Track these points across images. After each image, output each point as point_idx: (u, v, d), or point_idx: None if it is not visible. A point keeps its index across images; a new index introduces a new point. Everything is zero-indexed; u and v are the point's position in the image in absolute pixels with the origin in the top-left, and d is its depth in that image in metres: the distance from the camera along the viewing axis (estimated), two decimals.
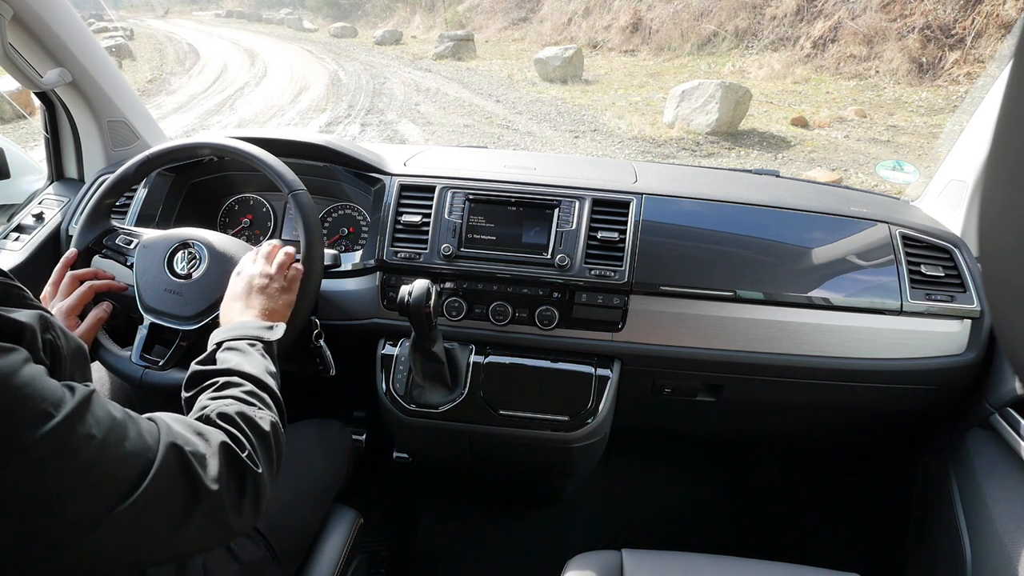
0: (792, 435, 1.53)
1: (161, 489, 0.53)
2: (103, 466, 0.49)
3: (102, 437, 0.50)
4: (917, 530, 1.22)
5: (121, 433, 0.52)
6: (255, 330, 0.82)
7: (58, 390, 0.49)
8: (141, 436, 0.54)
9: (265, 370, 0.77)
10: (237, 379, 0.73)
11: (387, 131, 7.11)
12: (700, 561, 0.95)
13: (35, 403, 0.46)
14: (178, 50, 13.96)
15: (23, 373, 0.46)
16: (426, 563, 1.56)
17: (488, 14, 15.76)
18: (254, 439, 0.66)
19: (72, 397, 0.49)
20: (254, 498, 0.62)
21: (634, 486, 1.75)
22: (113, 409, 0.53)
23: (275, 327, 0.85)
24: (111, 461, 0.50)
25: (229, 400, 0.69)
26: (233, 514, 0.59)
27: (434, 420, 1.12)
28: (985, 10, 7.36)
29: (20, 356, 0.47)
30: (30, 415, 0.46)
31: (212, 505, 0.57)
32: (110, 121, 1.41)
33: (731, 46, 10.05)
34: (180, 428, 0.59)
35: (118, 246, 1.05)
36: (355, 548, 1.07)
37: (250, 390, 0.72)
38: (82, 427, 0.48)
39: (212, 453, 0.60)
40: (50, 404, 0.47)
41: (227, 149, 1.05)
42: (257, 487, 0.63)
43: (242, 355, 0.77)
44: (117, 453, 0.51)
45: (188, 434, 0.59)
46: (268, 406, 0.72)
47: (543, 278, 1.11)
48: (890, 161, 1.42)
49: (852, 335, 1.10)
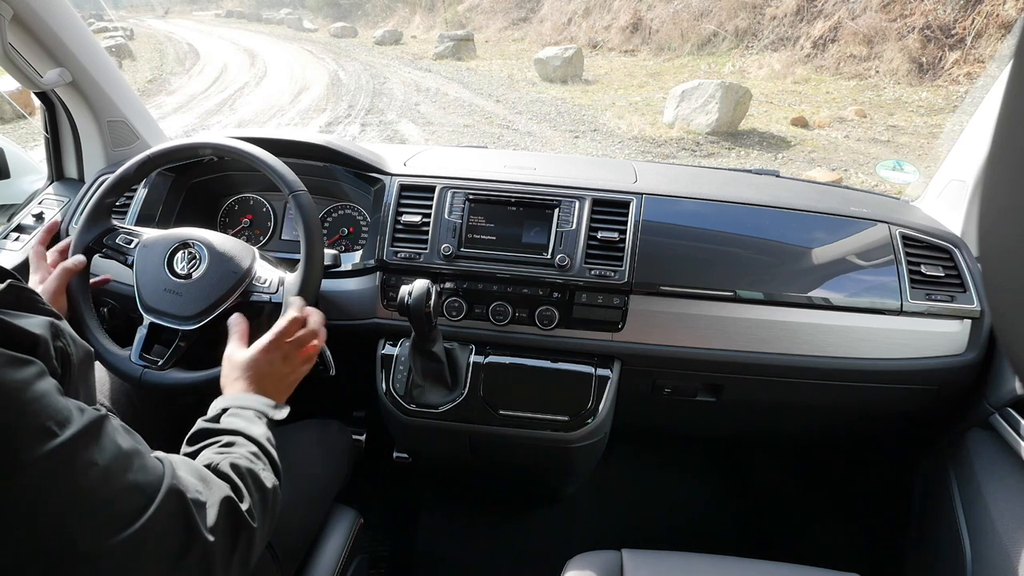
0: (792, 435, 1.53)
1: (157, 530, 0.52)
2: (102, 495, 0.48)
3: (104, 465, 0.49)
4: (917, 530, 1.22)
5: (125, 464, 0.51)
6: (262, 406, 0.81)
7: (66, 409, 0.48)
8: (145, 471, 0.53)
9: (270, 441, 0.76)
10: (243, 440, 0.73)
11: (387, 131, 7.11)
12: (700, 561, 0.95)
13: (40, 420, 0.45)
14: (178, 50, 13.96)
15: (35, 388, 0.46)
16: (426, 563, 1.56)
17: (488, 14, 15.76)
18: (256, 495, 0.66)
19: (80, 418, 0.48)
20: (245, 553, 0.61)
21: (634, 486, 1.75)
22: (120, 439, 0.52)
23: (281, 408, 0.84)
24: (111, 491, 0.49)
25: (239, 455, 0.69)
26: (221, 567, 0.58)
27: (434, 420, 1.12)
28: (985, 10, 7.36)
29: (34, 370, 0.47)
30: (34, 431, 0.45)
31: (203, 554, 0.56)
32: (110, 121, 1.41)
33: (731, 46, 10.05)
34: (185, 472, 0.59)
35: (118, 246, 1.05)
36: (355, 548, 1.07)
37: (255, 451, 0.72)
38: (85, 452, 0.48)
39: (213, 503, 0.59)
40: (55, 423, 0.46)
41: (227, 149, 1.05)
42: (250, 543, 0.62)
43: (247, 422, 0.77)
44: (118, 484, 0.50)
45: (193, 479, 0.59)
46: (270, 470, 0.72)
47: (543, 278, 1.11)
48: (890, 161, 1.42)
49: (852, 335, 1.10)
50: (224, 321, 0.99)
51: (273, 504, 0.69)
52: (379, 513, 1.57)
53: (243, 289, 1.00)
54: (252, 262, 1.03)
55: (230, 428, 0.74)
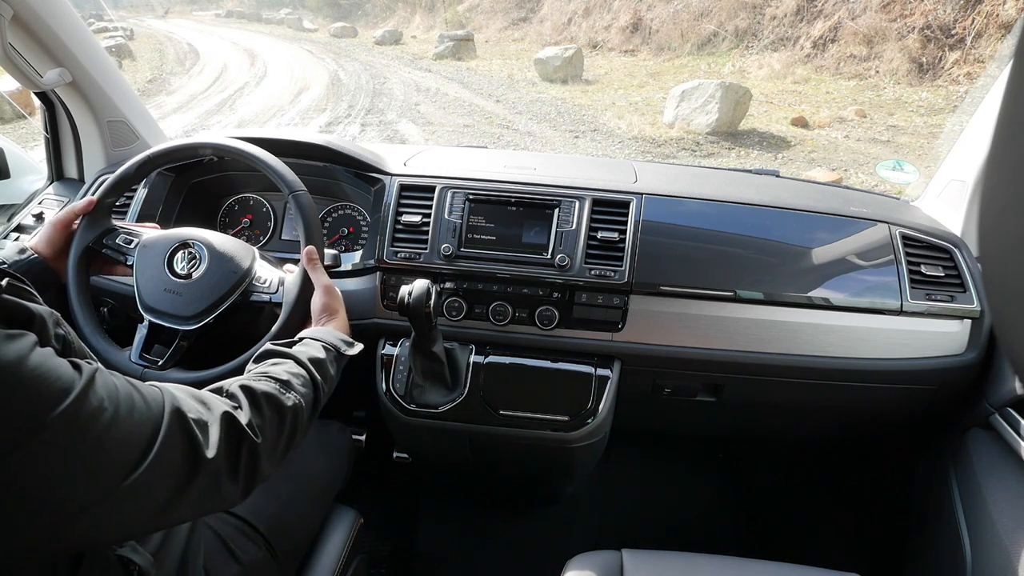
0: (792, 435, 1.53)
1: (166, 455, 0.54)
2: (115, 436, 0.51)
3: (112, 410, 0.51)
4: (917, 530, 1.22)
5: (129, 404, 0.53)
6: (336, 340, 0.86)
7: (68, 369, 0.50)
8: (147, 404, 0.55)
9: (320, 366, 0.80)
10: (291, 363, 0.77)
11: (387, 131, 7.11)
12: (700, 561, 0.95)
13: (48, 384, 0.47)
14: (178, 50, 13.95)
15: (34, 356, 0.48)
16: (426, 563, 1.56)
17: (488, 14, 15.75)
18: (266, 411, 0.68)
19: (80, 375, 0.50)
20: (250, 466, 0.63)
21: (634, 486, 1.75)
22: (117, 381, 0.55)
23: (355, 345, 0.89)
24: (121, 432, 0.52)
25: (262, 375, 0.72)
26: (228, 480, 0.61)
27: (434, 420, 1.12)
28: (985, 10, 7.35)
29: (30, 340, 0.49)
30: (46, 395, 0.47)
31: (210, 472, 0.58)
32: (110, 121, 1.41)
33: (731, 46, 10.05)
34: (183, 395, 0.61)
35: (118, 246, 1.05)
36: (355, 548, 1.07)
37: (296, 372, 0.76)
38: (94, 401, 0.50)
39: (214, 420, 0.61)
40: (63, 384, 0.48)
41: (227, 149, 1.05)
42: (254, 456, 0.64)
43: (312, 350, 0.81)
44: (127, 424, 0.52)
45: (191, 401, 0.61)
46: (301, 394, 0.74)
47: (543, 278, 1.11)
48: (890, 161, 1.42)
49: (852, 335, 1.10)
50: (224, 322, 0.99)
51: (292, 426, 0.71)
52: (379, 513, 1.57)
53: (243, 289, 1.00)
54: (252, 262, 1.03)
55: (289, 352, 0.79)
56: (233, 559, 0.86)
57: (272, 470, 0.67)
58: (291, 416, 0.71)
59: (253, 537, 0.90)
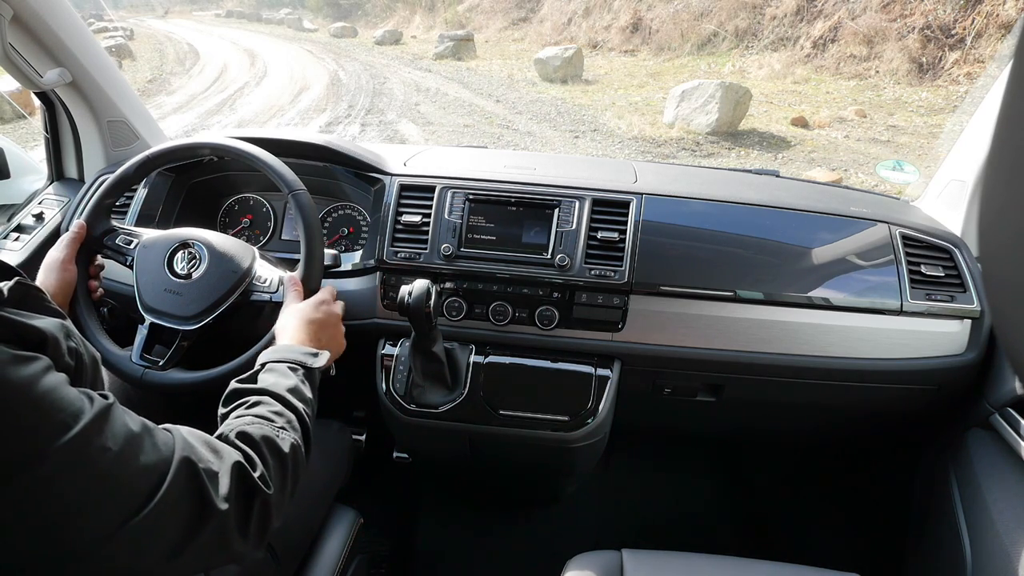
0: (792, 435, 1.53)
1: (172, 503, 0.53)
2: (118, 478, 0.49)
3: (118, 449, 0.50)
4: (917, 530, 1.22)
5: (137, 446, 0.52)
6: (299, 355, 0.82)
7: (77, 400, 0.49)
8: (156, 448, 0.54)
9: (297, 393, 0.76)
10: (268, 399, 0.73)
11: (387, 131, 7.11)
12: (700, 561, 0.95)
13: (55, 413, 0.46)
14: (178, 50, 13.95)
15: (44, 382, 0.47)
16: (426, 563, 1.56)
17: (488, 14, 15.75)
18: (270, 460, 0.65)
19: (91, 407, 0.49)
20: (261, 521, 0.61)
21: (634, 486, 1.75)
22: (130, 421, 0.53)
23: (320, 355, 0.85)
24: (126, 473, 0.50)
25: (252, 419, 0.69)
26: (238, 536, 0.59)
27: (434, 420, 1.12)
28: (985, 10, 7.35)
29: (42, 364, 0.48)
30: (50, 425, 0.46)
31: (218, 524, 0.56)
32: (110, 121, 1.41)
33: (731, 46, 10.05)
34: (195, 442, 0.59)
35: (118, 246, 1.05)
36: (355, 548, 1.07)
37: (278, 410, 0.72)
38: (99, 439, 0.48)
39: (224, 471, 0.59)
40: (69, 415, 0.47)
41: (227, 149, 1.05)
42: (265, 509, 0.62)
43: (279, 376, 0.77)
44: (133, 466, 0.51)
45: (203, 450, 0.59)
46: (293, 428, 0.71)
47: (543, 278, 1.11)
48: (890, 161, 1.42)
49: (852, 335, 1.10)
50: (225, 322, 0.99)
51: (294, 466, 0.69)
52: (379, 513, 1.57)
53: (243, 289, 1.00)
54: (252, 262, 1.03)
55: (259, 388, 0.75)
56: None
57: (279, 522, 0.65)
58: (291, 458, 0.68)
59: None
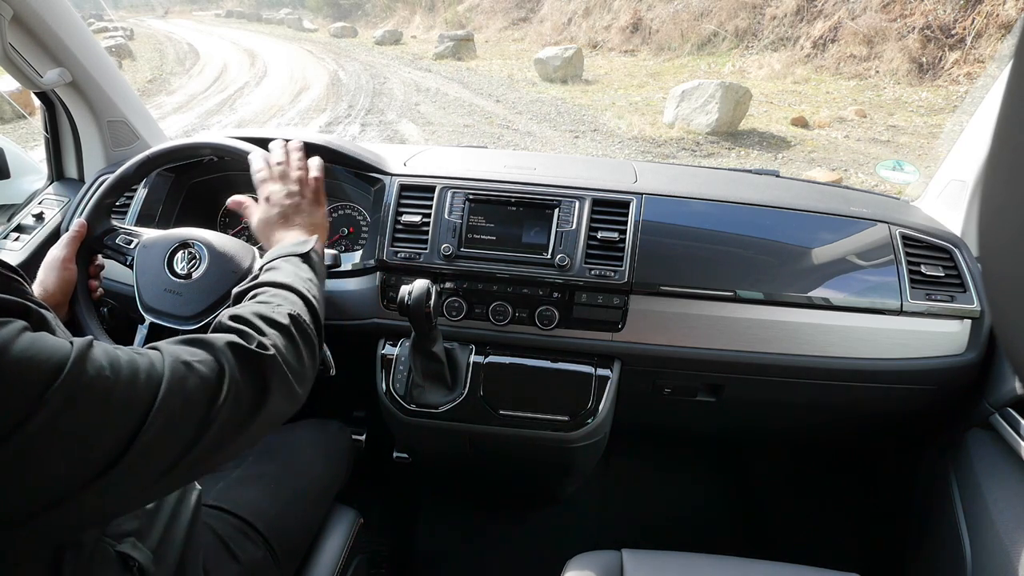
0: (792, 435, 1.53)
1: (176, 404, 0.55)
2: (116, 398, 0.52)
3: (109, 374, 0.52)
4: (917, 530, 1.22)
5: (127, 365, 0.54)
6: (289, 247, 0.87)
7: (60, 345, 0.50)
8: (147, 361, 0.56)
9: (295, 276, 0.81)
10: (265, 288, 0.78)
11: (387, 131, 7.11)
12: (700, 561, 0.95)
13: (41, 363, 0.48)
14: (178, 50, 13.95)
15: (22, 339, 0.48)
16: (426, 563, 1.56)
17: (488, 14, 15.75)
18: (266, 329, 0.68)
19: (73, 347, 0.51)
20: (281, 380, 0.64)
21: (634, 486, 1.75)
22: (114, 349, 0.55)
23: (306, 240, 0.89)
24: (123, 391, 0.52)
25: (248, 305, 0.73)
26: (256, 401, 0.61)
27: (434, 420, 1.12)
28: (985, 10, 7.36)
29: (17, 325, 0.49)
30: (38, 374, 0.47)
31: (232, 399, 0.59)
32: (110, 121, 1.41)
33: (731, 46, 10.05)
34: (181, 345, 0.61)
35: (118, 246, 1.05)
36: (355, 548, 1.07)
37: (274, 293, 0.76)
38: (90, 370, 0.51)
39: (219, 351, 0.61)
40: (55, 360, 0.49)
41: (227, 149, 1.05)
42: (275, 369, 0.64)
43: (276, 271, 0.82)
44: (127, 382, 0.53)
45: (190, 347, 0.61)
46: (291, 303, 0.75)
47: (543, 278, 1.11)
48: (890, 161, 1.42)
49: (852, 335, 1.10)
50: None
51: (298, 329, 0.72)
52: (379, 513, 1.57)
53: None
54: (252, 262, 1.03)
55: (259, 282, 0.79)
56: (232, 559, 0.86)
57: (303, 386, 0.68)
58: (293, 325, 0.71)
59: (253, 537, 0.90)
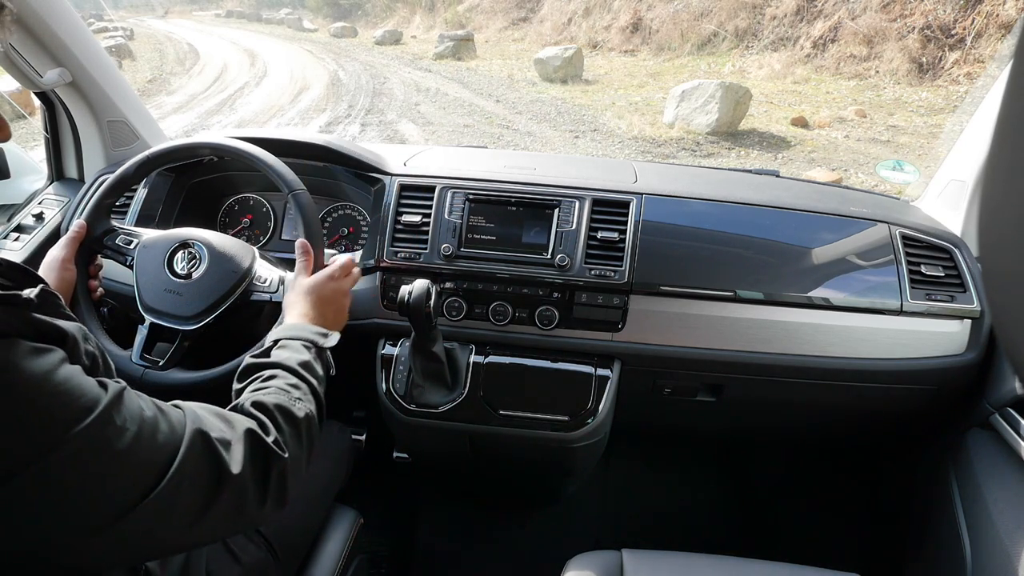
0: (792, 435, 1.53)
1: (188, 473, 0.54)
2: (135, 456, 0.52)
3: (134, 430, 0.52)
4: (917, 530, 1.22)
5: (151, 424, 0.54)
6: (311, 334, 0.85)
7: (93, 388, 0.51)
8: (171, 425, 0.56)
9: (310, 368, 0.79)
10: (283, 372, 0.76)
11: (387, 131, 7.10)
12: (700, 561, 0.95)
13: (73, 400, 0.48)
14: (178, 50, 13.94)
15: (61, 372, 0.48)
16: (426, 563, 1.56)
17: (488, 14, 15.75)
18: (284, 426, 0.67)
19: (106, 393, 0.51)
20: (279, 484, 0.63)
21: (634, 486, 1.75)
22: (143, 403, 0.55)
23: (330, 335, 0.88)
24: (142, 451, 0.52)
25: (269, 389, 0.72)
26: (255, 501, 0.60)
27: (434, 420, 1.12)
28: (985, 10, 7.35)
29: (58, 356, 0.50)
30: (68, 412, 0.48)
31: (235, 490, 0.58)
32: (110, 121, 1.41)
33: (731, 46, 10.05)
34: (206, 414, 0.61)
35: (118, 246, 1.05)
36: (355, 548, 1.07)
37: (293, 383, 0.75)
38: (115, 422, 0.51)
39: (237, 438, 0.61)
40: (86, 402, 0.49)
41: (227, 149, 1.05)
42: (283, 473, 0.64)
43: (293, 352, 0.80)
44: (150, 443, 0.53)
45: (214, 420, 0.61)
46: (307, 398, 0.74)
47: (543, 278, 1.11)
48: (890, 161, 1.42)
49: (852, 335, 1.10)
50: (225, 322, 0.99)
51: (308, 432, 0.71)
52: (379, 513, 1.57)
53: (243, 289, 1.00)
54: (252, 262, 1.03)
55: (273, 362, 0.77)
56: (234, 559, 0.86)
57: (297, 486, 0.67)
58: (305, 424, 0.71)
59: (254, 538, 0.90)
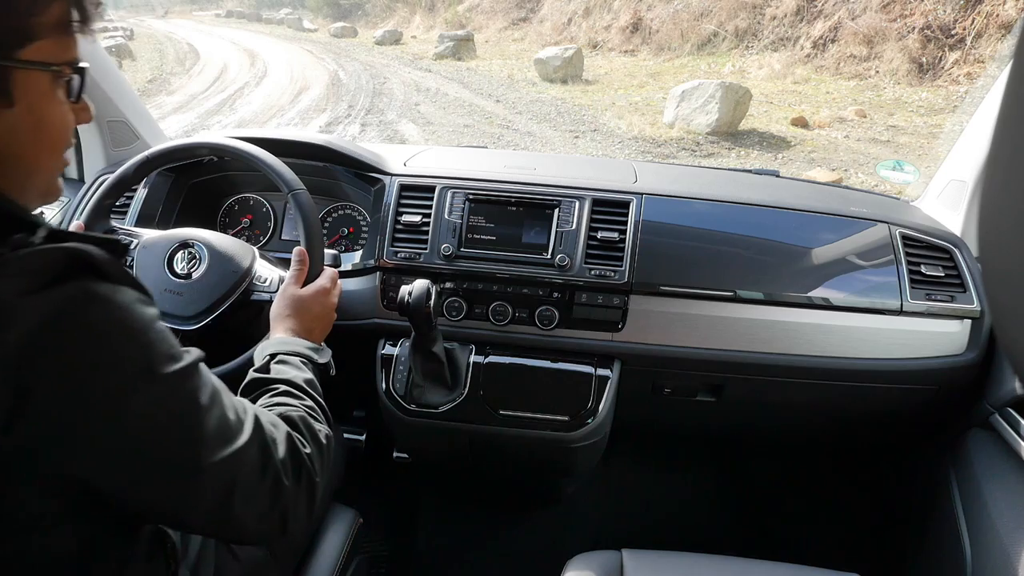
0: (792, 435, 1.53)
1: (250, 452, 0.57)
2: (213, 413, 0.55)
3: (211, 390, 0.56)
4: (917, 530, 1.22)
5: (224, 393, 0.58)
6: (307, 350, 0.84)
7: (179, 345, 0.55)
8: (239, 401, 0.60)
9: (314, 387, 0.79)
10: (295, 391, 0.75)
11: (387, 131, 7.10)
12: (700, 561, 0.95)
13: (168, 347, 0.53)
14: (178, 50, 13.94)
15: (159, 323, 0.53)
16: (426, 563, 1.56)
17: (488, 14, 15.75)
18: (311, 444, 0.67)
19: (189, 353, 0.55)
20: (308, 496, 0.64)
21: (634, 486, 1.75)
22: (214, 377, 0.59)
23: (322, 351, 0.88)
24: (219, 411, 0.56)
25: (289, 407, 0.71)
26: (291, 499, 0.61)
27: (434, 420, 1.12)
28: (985, 10, 7.35)
29: (157, 310, 0.54)
30: (164, 352, 0.52)
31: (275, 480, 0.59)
32: (110, 121, 1.41)
33: (731, 46, 10.04)
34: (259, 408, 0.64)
35: None
36: (354, 548, 1.07)
37: (310, 405, 0.74)
38: (197, 378, 0.55)
39: (281, 440, 0.62)
40: (177, 352, 0.54)
41: (227, 149, 1.05)
42: (312, 487, 0.64)
43: (296, 369, 0.80)
44: (222, 407, 0.56)
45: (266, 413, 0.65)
46: (320, 418, 0.74)
47: (543, 278, 1.11)
48: (890, 161, 1.42)
49: (852, 335, 1.10)
50: (225, 322, 0.99)
51: (328, 454, 0.72)
52: (379, 513, 1.57)
53: (243, 289, 1.00)
54: (252, 262, 1.03)
55: (281, 378, 0.77)
56: (233, 558, 0.86)
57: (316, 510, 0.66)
58: (326, 447, 0.71)
59: None
